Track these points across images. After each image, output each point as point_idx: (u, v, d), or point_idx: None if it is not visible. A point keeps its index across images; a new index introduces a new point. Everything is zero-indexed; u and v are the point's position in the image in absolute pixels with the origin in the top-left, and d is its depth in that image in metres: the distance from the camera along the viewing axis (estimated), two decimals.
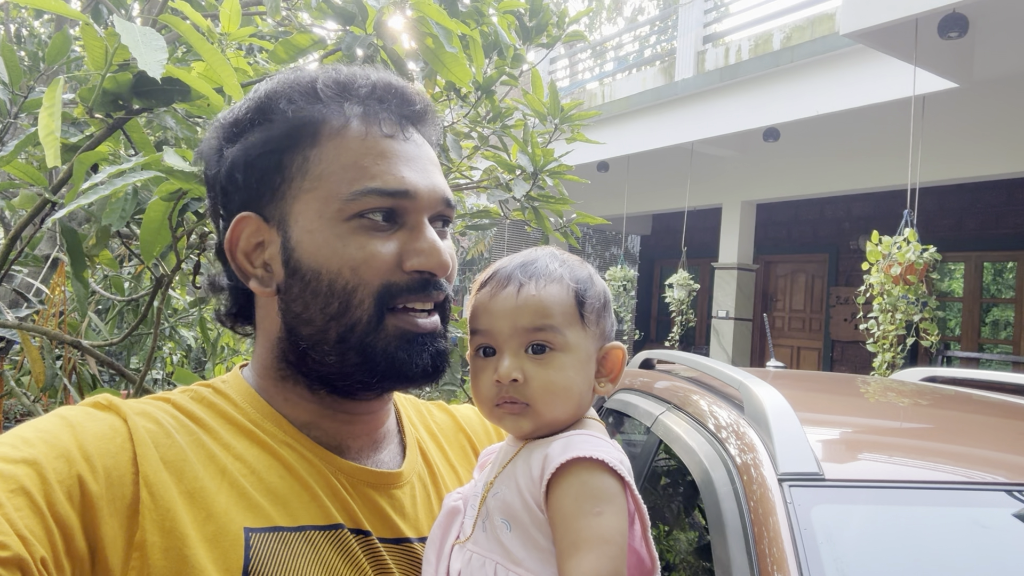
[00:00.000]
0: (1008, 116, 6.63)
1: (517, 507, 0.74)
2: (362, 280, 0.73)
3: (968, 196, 8.44)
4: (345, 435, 0.81)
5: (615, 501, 0.71)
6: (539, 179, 2.31)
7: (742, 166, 9.30)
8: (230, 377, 0.82)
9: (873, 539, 1.05)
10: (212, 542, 0.66)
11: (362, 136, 0.75)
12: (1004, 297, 8.64)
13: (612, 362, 0.84)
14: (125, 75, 1.33)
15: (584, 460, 0.72)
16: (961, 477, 1.21)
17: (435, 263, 0.75)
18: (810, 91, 7.07)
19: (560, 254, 0.85)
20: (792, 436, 1.17)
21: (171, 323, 3.20)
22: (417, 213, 0.76)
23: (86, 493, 0.62)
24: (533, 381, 0.77)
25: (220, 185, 0.79)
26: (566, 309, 0.80)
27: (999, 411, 1.69)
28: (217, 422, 0.75)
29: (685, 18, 8.95)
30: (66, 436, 0.65)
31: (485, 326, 0.80)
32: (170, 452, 0.68)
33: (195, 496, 0.67)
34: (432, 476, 0.88)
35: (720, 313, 9.61)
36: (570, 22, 2.62)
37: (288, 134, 0.76)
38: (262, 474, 0.72)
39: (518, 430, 0.80)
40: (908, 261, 4.53)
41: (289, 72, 0.80)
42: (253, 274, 0.78)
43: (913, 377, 2.35)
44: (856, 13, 5.20)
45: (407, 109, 0.79)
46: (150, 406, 0.73)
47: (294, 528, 0.70)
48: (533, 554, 0.72)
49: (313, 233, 0.74)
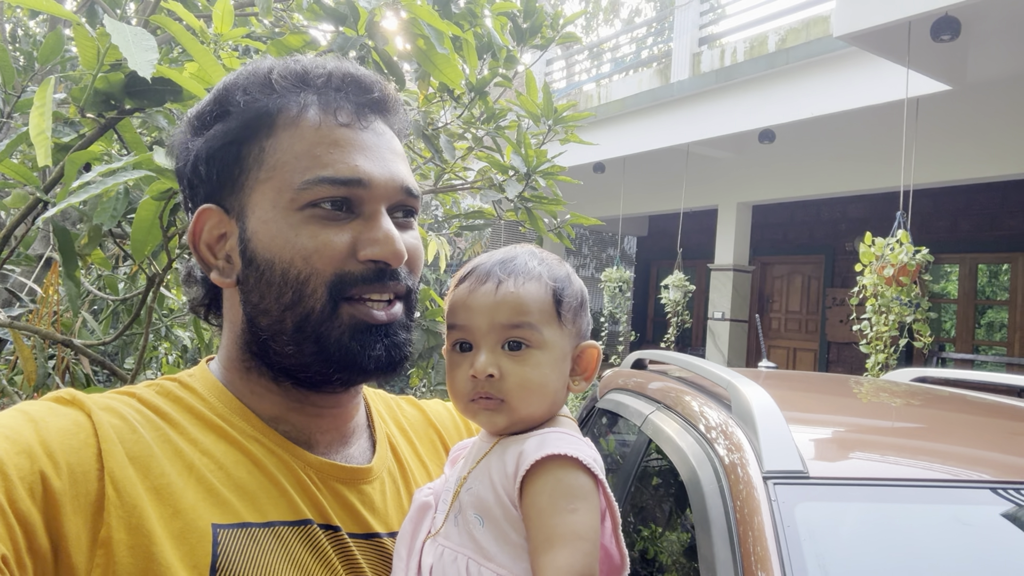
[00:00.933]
0: (1001, 118, 6.66)
1: (490, 502, 0.75)
2: (314, 269, 0.72)
3: (963, 198, 8.47)
4: (313, 429, 0.80)
5: (589, 498, 0.72)
6: (532, 180, 2.32)
7: (738, 168, 9.32)
8: (196, 371, 0.81)
9: (856, 536, 1.06)
10: (179, 539, 0.65)
11: (316, 125, 0.75)
12: (998, 299, 8.67)
13: (587, 361, 0.85)
14: (117, 75, 1.34)
15: (559, 457, 0.73)
16: (945, 475, 1.22)
17: (389, 252, 0.74)
18: (805, 93, 7.09)
19: (539, 252, 0.86)
20: (778, 434, 1.18)
21: (166, 323, 3.20)
22: (373, 202, 0.75)
23: (49, 489, 0.61)
24: (509, 377, 0.78)
25: (187, 179, 0.79)
26: (544, 307, 0.80)
27: (985, 410, 1.70)
28: (183, 417, 0.74)
29: (681, 20, 8.97)
30: (28, 432, 0.64)
31: (463, 321, 0.81)
32: (136, 448, 0.67)
33: (162, 492, 0.66)
34: (402, 471, 0.88)
35: (716, 314, 9.62)
36: (564, 24, 2.63)
37: (245, 125, 0.76)
38: (230, 469, 0.71)
39: (492, 426, 0.80)
40: (901, 262, 4.54)
41: (248, 64, 0.80)
42: (215, 265, 0.78)
43: (903, 378, 2.36)
44: (850, 16, 5.23)
45: (364, 97, 0.78)
46: (115, 401, 0.72)
47: (262, 524, 0.70)
48: (505, 549, 0.73)
49: (267, 223, 0.74)
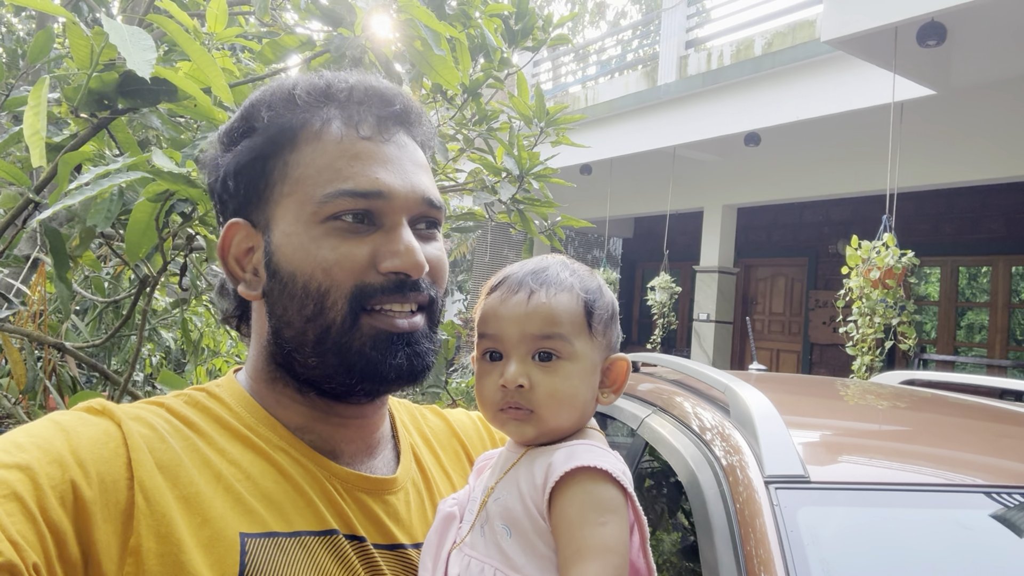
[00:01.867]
0: (983, 123, 6.75)
1: (518, 513, 0.75)
2: (334, 282, 0.73)
3: (944, 201, 8.57)
4: (339, 439, 0.80)
5: (619, 511, 0.72)
6: (525, 182, 2.32)
7: (723, 170, 9.38)
8: (224, 381, 0.82)
9: (858, 540, 1.07)
10: (207, 547, 0.65)
11: (338, 139, 0.76)
12: (979, 301, 8.78)
13: (616, 373, 0.85)
14: (111, 74, 1.32)
15: (588, 470, 0.73)
16: (942, 479, 1.23)
17: (410, 264, 0.74)
18: (791, 97, 7.15)
19: (570, 263, 0.86)
20: (778, 438, 1.18)
21: (152, 325, 3.16)
22: (394, 214, 0.76)
23: (79, 498, 0.62)
24: (539, 388, 0.78)
25: (217, 194, 0.81)
26: (575, 318, 0.80)
27: (976, 414, 1.72)
28: (212, 427, 0.75)
29: (668, 23, 9.01)
30: (59, 441, 0.64)
31: (493, 331, 0.81)
32: (165, 457, 0.68)
33: (190, 501, 0.67)
34: (426, 482, 0.88)
35: (701, 316, 9.68)
36: (555, 26, 2.63)
37: (270, 140, 0.77)
38: (257, 479, 0.72)
39: (521, 436, 0.80)
40: (887, 265, 4.59)
41: (273, 81, 0.82)
42: (242, 278, 0.79)
43: (892, 380, 2.38)
44: (837, 20, 5.27)
45: (386, 110, 0.79)
46: (144, 411, 0.72)
47: (290, 534, 0.70)
48: (532, 560, 0.73)
49: (291, 236, 0.75)
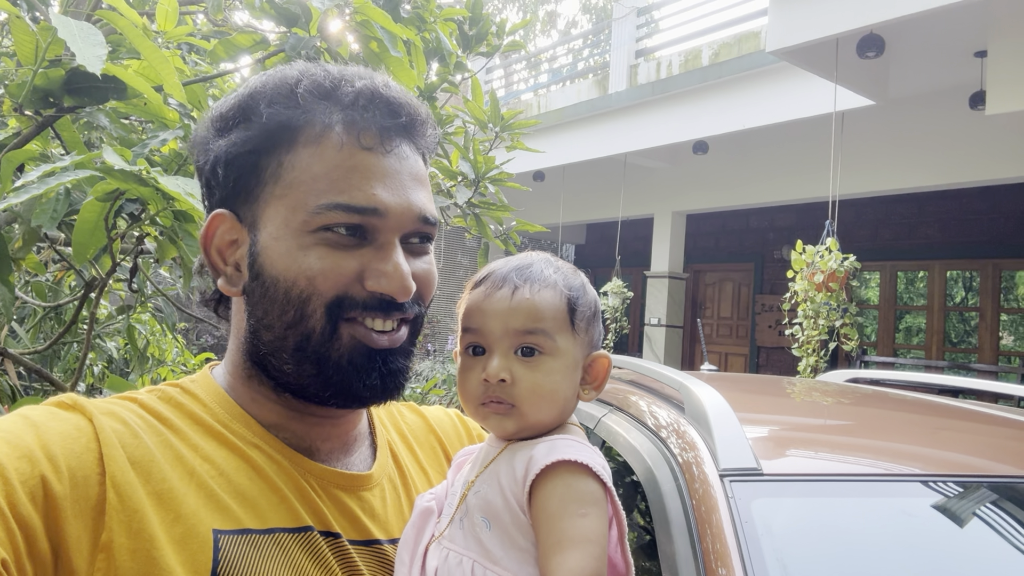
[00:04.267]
0: (920, 133, 7.02)
1: (498, 506, 0.75)
2: (316, 290, 0.72)
3: (883, 208, 8.89)
4: (314, 437, 0.80)
5: (599, 504, 0.73)
6: (481, 186, 2.33)
7: (673, 177, 9.56)
8: (199, 377, 0.81)
9: (808, 530, 1.10)
10: (180, 544, 0.65)
11: (338, 147, 0.73)
12: (916, 304, 9.13)
13: (597, 370, 0.85)
14: (57, 71, 1.28)
15: (569, 464, 0.73)
16: (885, 470, 1.28)
17: (397, 287, 0.73)
18: (737, 106, 7.34)
19: (554, 260, 0.87)
20: (732, 433, 1.21)
21: (95, 332, 3.07)
22: (388, 232, 0.74)
23: (49, 494, 0.61)
24: (521, 383, 0.78)
25: (205, 178, 0.78)
26: (558, 315, 0.81)
27: (916, 409, 1.79)
28: (185, 423, 0.74)
29: (618, 32, 9.16)
30: (29, 436, 0.63)
31: (477, 325, 0.81)
32: (137, 452, 0.67)
33: (163, 497, 0.66)
34: (403, 478, 0.87)
35: (652, 320, 9.82)
36: (509, 32, 2.65)
37: (266, 136, 0.74)
38: (231, 476, 0.71)
39: (502, 430, 0.81)
40: (830, 269, 4.74)
41: (277, 71, 0.78)
42: (223, 271, 0.77)
43: (838, 379, 2.46)
44: (781, 32, 5.44)
45: (391, 121, 0.76)
46: (116, 406, 0.71)
47: (263, 530, 0.70)
48: (511, 553, 0.73)
49: (278, 241, 0.73)
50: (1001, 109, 4.86)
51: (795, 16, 5.32)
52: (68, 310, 2.47)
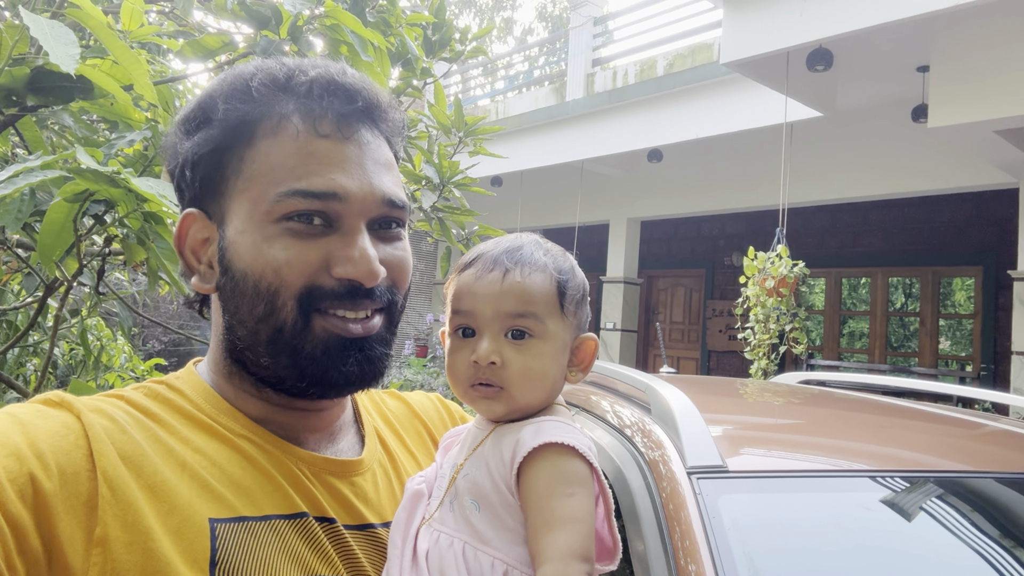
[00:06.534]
0: (865, 144, 7.28)
1: (487, 488, 0.76)
2: (284, 282, 0.72)
3: (829, 217, 9.16)
4: (301, 428, 0.80)
5: (586, 484, 0.75)
6: (445, 190, 2.34)
7: (628, 185, 9.70)
8: (184, 373, 0.81)
9: (771, 523, 1.15)
10: (177, 534, 0.65)
11: (295, 136, 0.73)
12: (859, 310, 9.43)
13: (584, 352, 0.87)
14: (22, 70, 1.26)
15: (556, 445, 0.75)
16: (838, 466, 1.34)
17: (364, 272, 0.73)
18: (691, 115, 7.50)
19: (544, 242, 0.88)
20: (698, 432, 1.25)
21: (36, 339, 2.97)
22: (351, 217, 0.73)
23: (39, 491, 0.61)
24: (510, 365, 0.79)
25: (176, 181, 0.79)
26: (548, 298, 0.82)
27: (865, 408, 1.87)
28: (173, 417, 0.74)
29: (575, 41, 9.26)
30: (16, 434, 0.63)
31: (467, 307, 0.81)
32: (127, 447, 0.67)
33: (156, 490, 0.66)
34: (392, 462, 0.88)
35: (608, 325, 9.94)
36: (472, 38, 2.68)
37: (226, 133, 0.75)
38: (223, 466, 0.71)
39: (490, 412, 0.81)
40: (781, 275, 4.88)
41: (234, 69, 0.78)
42: (197, 270, 0.78)
43: (791, 381, 2.55)
44: (734, 44, 5.58)
45: (348, 107, 0.76)
46: (103, 403, 0.71)
47: (259, 518, 0.70)
48: (501, 534, 0.75)
49: (243, 234, 0.73)
50: (942, 122, 5.08)
51: (748, 29, 5.47)
52: (14, 314, 2.40)
